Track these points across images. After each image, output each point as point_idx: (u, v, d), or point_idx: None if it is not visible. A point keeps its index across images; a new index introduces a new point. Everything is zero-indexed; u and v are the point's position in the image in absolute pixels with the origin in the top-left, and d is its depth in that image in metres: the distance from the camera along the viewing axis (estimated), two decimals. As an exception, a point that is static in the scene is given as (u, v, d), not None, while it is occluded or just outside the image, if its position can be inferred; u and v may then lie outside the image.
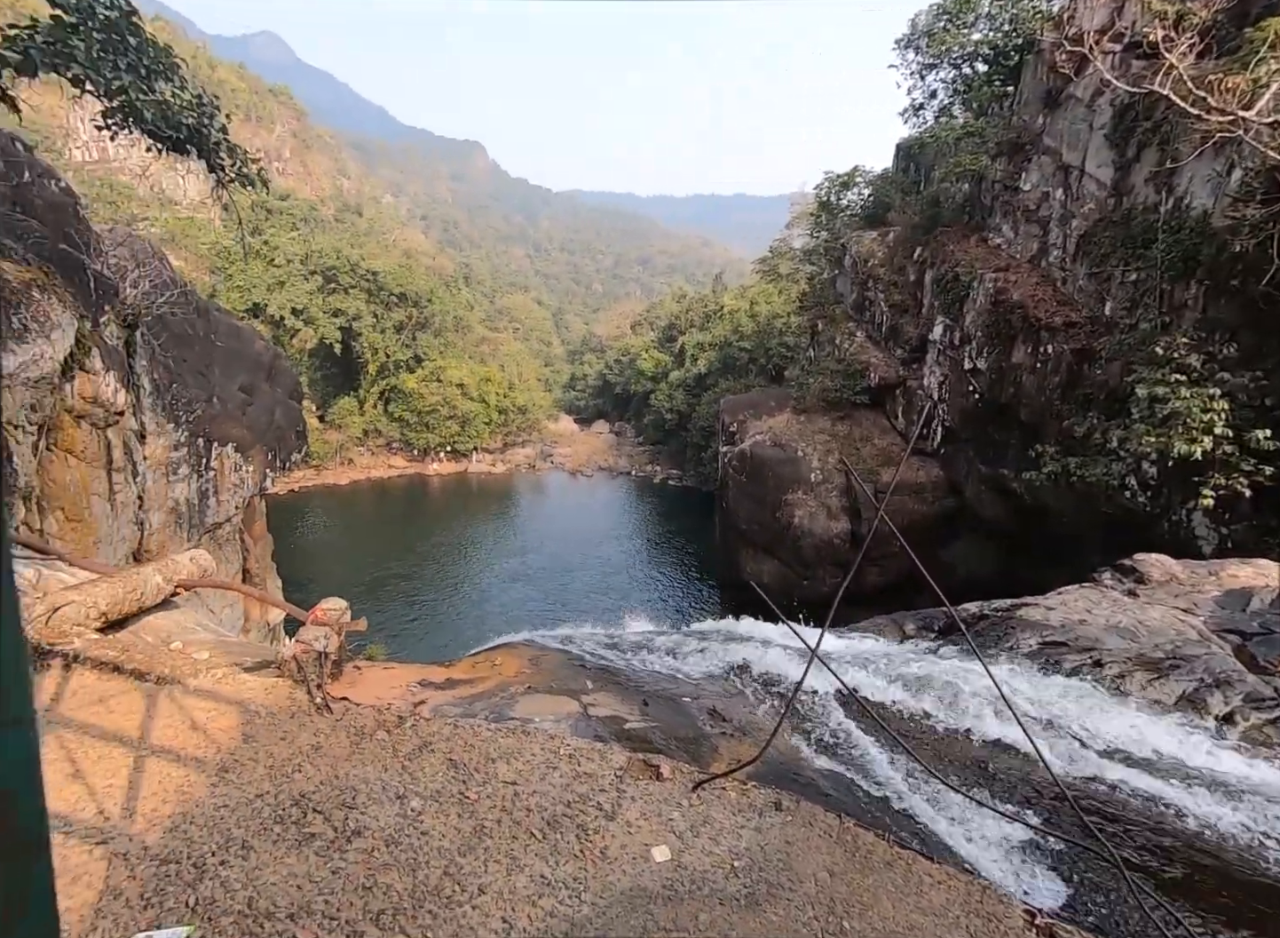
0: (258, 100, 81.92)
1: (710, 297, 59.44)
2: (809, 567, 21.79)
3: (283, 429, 17.87)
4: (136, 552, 11.45)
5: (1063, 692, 5.68)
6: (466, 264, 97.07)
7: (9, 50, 8.00)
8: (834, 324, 26.06)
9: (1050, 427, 15.98)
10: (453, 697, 5.34)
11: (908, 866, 3.11)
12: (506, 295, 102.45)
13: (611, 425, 63.87)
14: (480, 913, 2.67)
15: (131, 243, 13.04)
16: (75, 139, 54.25)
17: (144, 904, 2.58)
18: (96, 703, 3.87)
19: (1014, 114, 19.34)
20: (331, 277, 48.01)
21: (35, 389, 8.44)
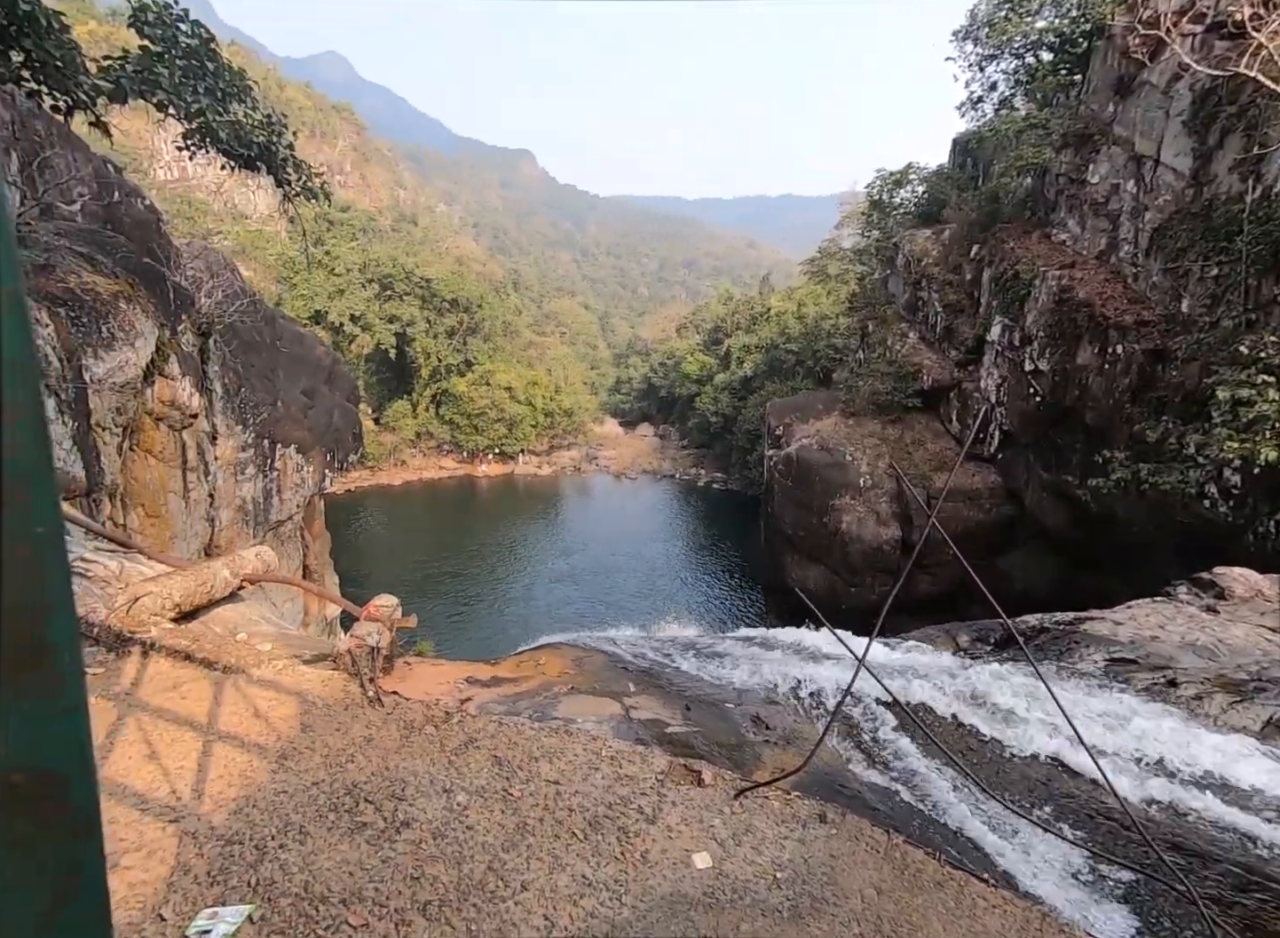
0: (322, 117, 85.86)
1: (757, 298, 58.81)
2: (856, 573, 21.24)
3: (341, 431, 18.63)
4: (207, 547, 12.14)
5: (1132, 712, 5.35)
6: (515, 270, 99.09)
7: (103, 80, 8.65)
8: (885, 325, 25.37)
9: (1119, 431, 15.12)
10: (498, 694, 5.45)
11: (960, 887, 2.99)
12: (554, 300, 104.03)
13: (656, 428, 63.94)
14: (523, 910, 2.71)
15: (206, 255, 13.87)
16: (159, 159, 58.08)
17: (210, 881, 2.73)
18: (170, 689, 4.12)
19: (1081, 103, 18.43)
20: (388, 284, 49.81)
21: (120, 393, 9.07)
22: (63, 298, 8.16)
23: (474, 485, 48.27)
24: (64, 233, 9.35)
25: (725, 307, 63.23)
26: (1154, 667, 6.05)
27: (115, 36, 40.13)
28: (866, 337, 27.03)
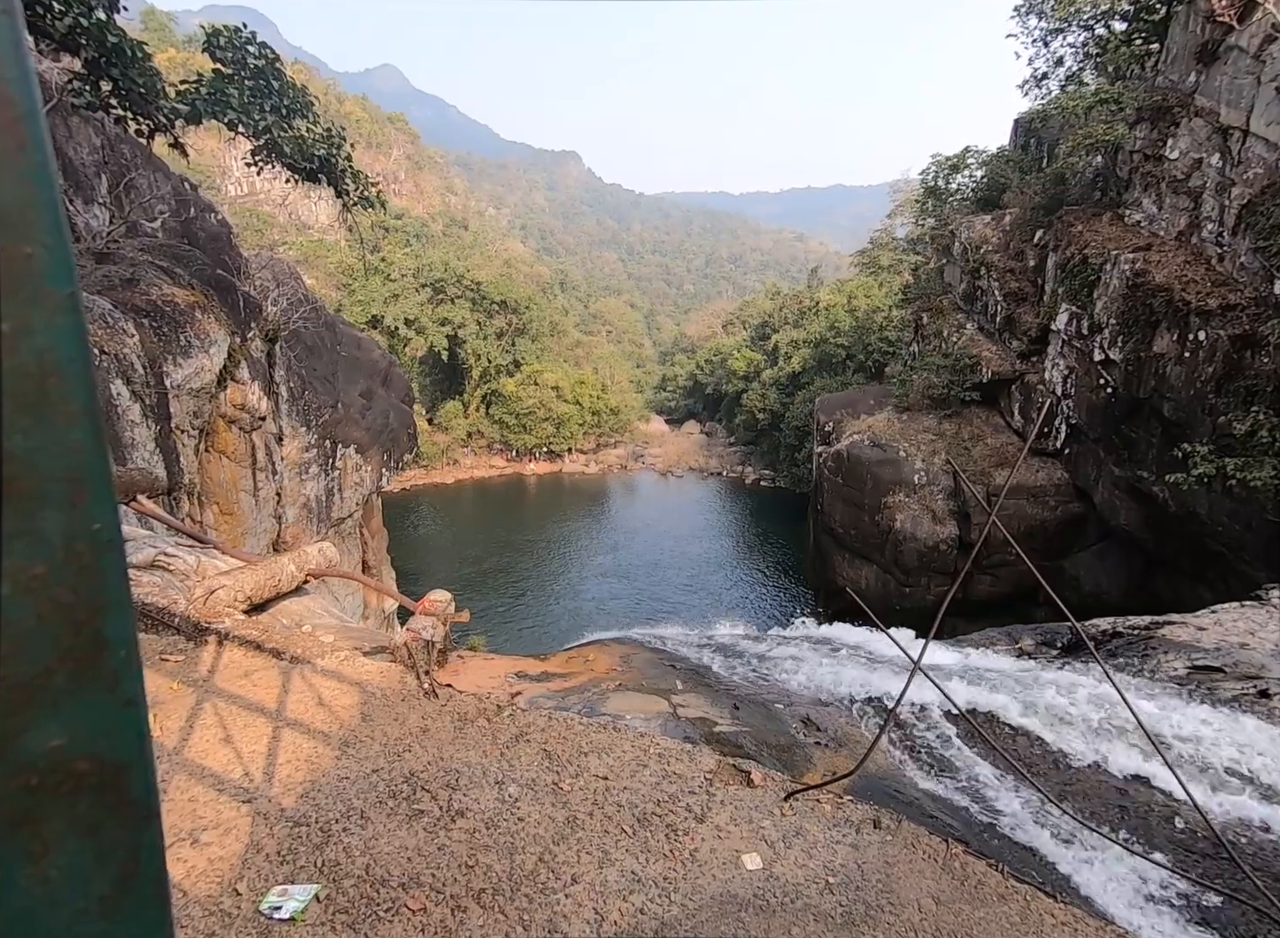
0: (377, 128, 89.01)
1: (805, 292, 57.65)
2: (910, 574, 20.58)
3: (396, 431, 19.29)
4: (275, 543, 12.79)
5: (1218, 724, 5.00)
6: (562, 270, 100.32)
7: (180, 103, 9.21)
8: (941, 316, 24.44)
9: (1201, 423, 14.12)
10: (547, 689, 5.54)
11: (1026, 901, 2.86)
12: (600, 299, 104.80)
13: (702, 426, 63.59)
14: (573, 903, 2.75)
15: (273, 266, 14.60)
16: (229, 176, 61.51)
17: (280, 860, 2.88)
18: (243, 677, 4.36)
19: (1159, 74, 17.25)
20: (440, 288, 51.25)
21: (197, 398, 9.66)
22: (146, 309, 8.74)
23: (523, 484, 49.18)
24: (147, 248, 10.01)
25: (772, 302, 62.25)
26: (1243, 676, 5.63)
27: (191, 62, 42.69)
28: (921, 328, 26.11)
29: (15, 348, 0.41)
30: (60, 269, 0.43)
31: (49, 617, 0.42)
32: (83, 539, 0.43)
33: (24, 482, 0.41)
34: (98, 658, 0.43)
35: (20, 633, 0.41)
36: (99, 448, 0.44)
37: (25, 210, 0.41)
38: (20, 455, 0.41)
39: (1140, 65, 19.50)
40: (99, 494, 0.44)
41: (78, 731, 0.42)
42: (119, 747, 0.44)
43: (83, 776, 0.42)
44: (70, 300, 0.43)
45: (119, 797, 0.44)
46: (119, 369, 7.86)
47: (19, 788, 0.41)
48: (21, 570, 0.41)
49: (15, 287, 0.41)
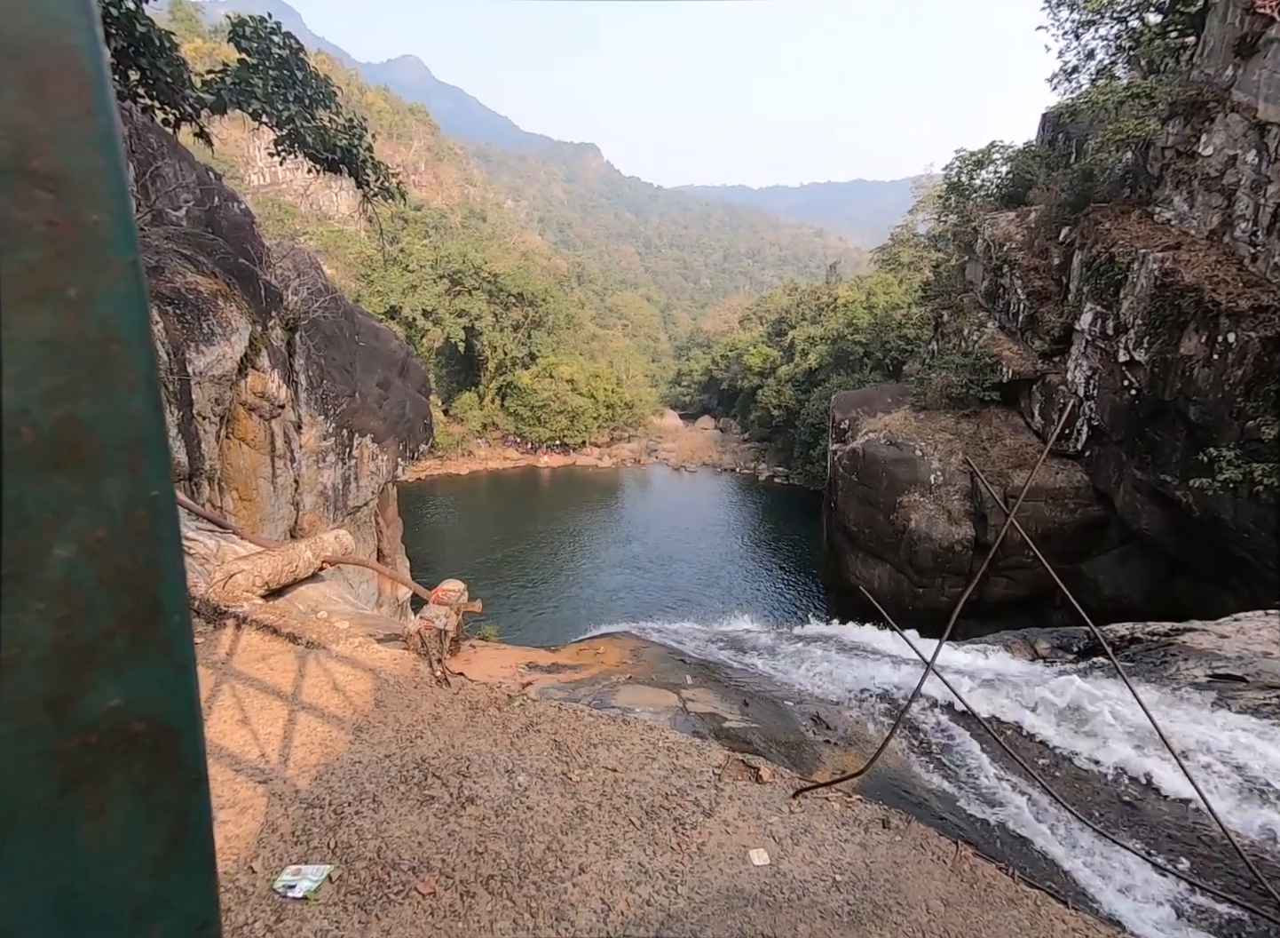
0: (398, 119, 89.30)
1: (823, 288, 57.07)
2: (924, 574, 20.39)
3: (412, 422, 19.43)
4: (292, 529, 12.97)
5: (1238, 734, 4.91)
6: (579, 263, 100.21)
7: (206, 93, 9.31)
8: (961, 314, 24.08)
9: (1229, 427, 13.80)
10: (558, 681, 5.57)
11: (1036, 906, 2.84)
12: (616, 293, 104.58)
13: (716, 421, 63.33)
14: (580, 892, 2.77)
15: (294, 255, 14.73)
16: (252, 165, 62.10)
17: (294, 840, 2.93)
18: (260, 660, 4.43)
19: (1194, 68, 16.79)
20: (457, 279, 51.43)
21: (218, 385, 9.80)
22: (170, 297, 8.87)
23: (537, 476, 49.38)
24: (171, 237, 10.15)
25: (790, 297, 61.74)
26: (1265, 685, 5.51)
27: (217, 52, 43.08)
28: (941, 326, 25.76)
29: (81, 314, 0.41)
30: (124, 236, 0.43)
31: (110, 581, 0.43)
32: (141, 505, 0.44)
33: (88, 447, 0.42)
34: (154, 623, 0.45)
35: (83, 596, 0.42)
36: (157, 416, 0.45)
37: (91, 177, 0.42)
38: (85, 421, 0.42)
39: (1175, 59, 19.01)
40: (157, 462, 0.45)
41: (135, 693, 0.44)
42: (172, 711, 0.46)
43: (138, 737, 0.44)
44: (132, 268, 0.44)
45: (171, 759, 0.45)
46: (143, 356, 7.98)
47: (80, 746, 0.42)
48: (85, 534, 0.42)
49: (81, 253, 0.41)
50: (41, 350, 0.40)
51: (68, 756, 0.41)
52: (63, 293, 0.41)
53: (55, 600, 0.41)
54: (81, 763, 0.42)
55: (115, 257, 0.43)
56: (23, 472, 0.39)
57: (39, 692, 0.40)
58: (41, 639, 0.40)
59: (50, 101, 0.40)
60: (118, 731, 0.43)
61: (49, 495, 0.40)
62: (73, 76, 0.41)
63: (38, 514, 0.40)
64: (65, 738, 0.41)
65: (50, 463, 0.40)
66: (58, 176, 0.40)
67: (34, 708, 0.40)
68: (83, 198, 0.41)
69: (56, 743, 0.41)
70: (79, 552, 0.42)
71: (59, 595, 0.41)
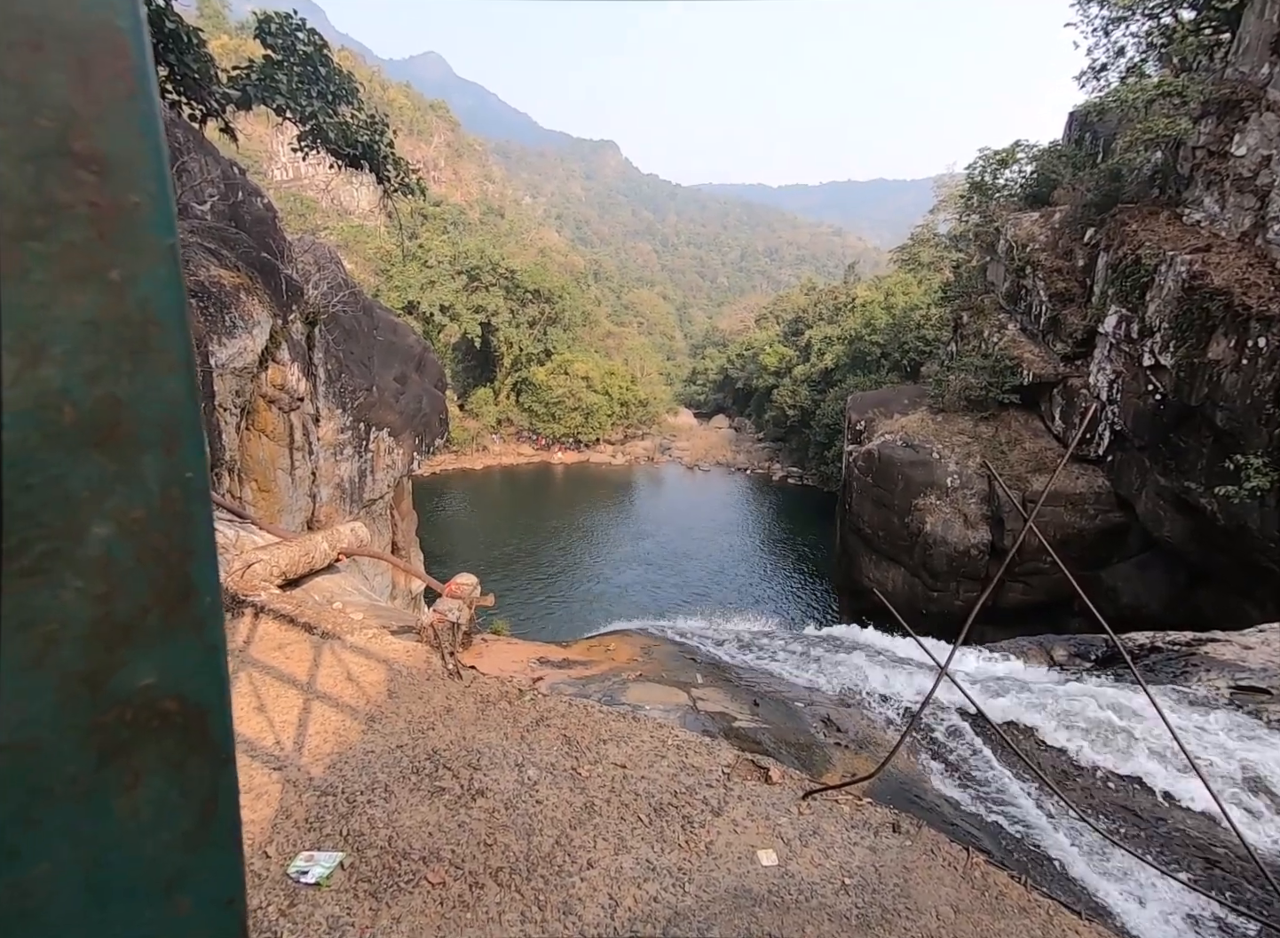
0: (419, 115, 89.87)
1: (841, 288, 56.61)
2: (939, 578, 20.17)
3: (428, 416, 19.58)
4: (309, 521, 13.13)
5: (1263, 747, 4.80)
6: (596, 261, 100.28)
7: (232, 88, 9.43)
8: (982, 316, 23.75)
9: (1257, 434, 13.49)
10: (568, 676, 5.59)
11: (1048, 916, 2.80)
12: (633, 290, 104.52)
13: (731, 421, 63.12)
14: (588, 887, 2.78)
15: (315, 250, 14.89)
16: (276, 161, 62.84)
17: (308, 827, 2.97)
18: (276, 649, 4.50)
19: (1228, 66, 16.38)
20: (475, 275, 51.70)
21: (239, 377, 9.95)
22: (194, 289, 9.01)
23: (550, 472, 49.55)
24: (196, 230, 10.30)
25: (807, 297, 61.31)
26: (1289, 700, 5.39)
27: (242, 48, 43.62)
28: (960, 328, 25.44)
29: (122, 295, 0.42)
30: (163, 219, 0.44)
31: (146, 559, 0.44)
32: (177, 485, 0.45)
33: (126, 426, 0.42)
34: (187, 602, 0.45)
35: (121, 573, 0.43)
36: (192, 398, 0.46)
37: (133, 160, 0.42)
38: (124, 401, 0.42)
39: (1208, 56, 18.57)
40: (192, 443, 0.46)
41: (167, 671, 0.44)
42: (203, 690, 0.46)
43: (169, 715, 0.44)
44: (171, 251, 0.44)
45: (202, 738, 0.46)
46: (167, 347, 8.12)
47: (115, 721, 0.42)
48: (123, 513, 0.42)
49: (122, 235, 0.42)
50: (84, 330, 0.41)
51: (104, 730, 0.42)
52: (104, 274, 0.41)
53: (94, 578, 0.41)
54: (117, 738, 0.43)
55: (155, 239, 0.43)
56: (63, 450, 0.40)
57: (77, 667, 0.41)
58: (80, 616, 0.41)
59: (95, 84, 0.40)
60: (150, 707, 0.44)
61: (89, 473, 0.41)
62: (118, 60, 0.41)
63: (77, 492, 0.41)
64: (101, 713, 0.42)
65: (90, 441, 0.41)
66: (100, 158, 0.41)
67: (72, 682, 0.41)
68: (124, 180, 0.42)
69: (93, 718, 0.42)
70: (117, 530, 0.42)
71: (98, 573, 0.42)
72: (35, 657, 0.40)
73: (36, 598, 0.40)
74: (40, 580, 0.40)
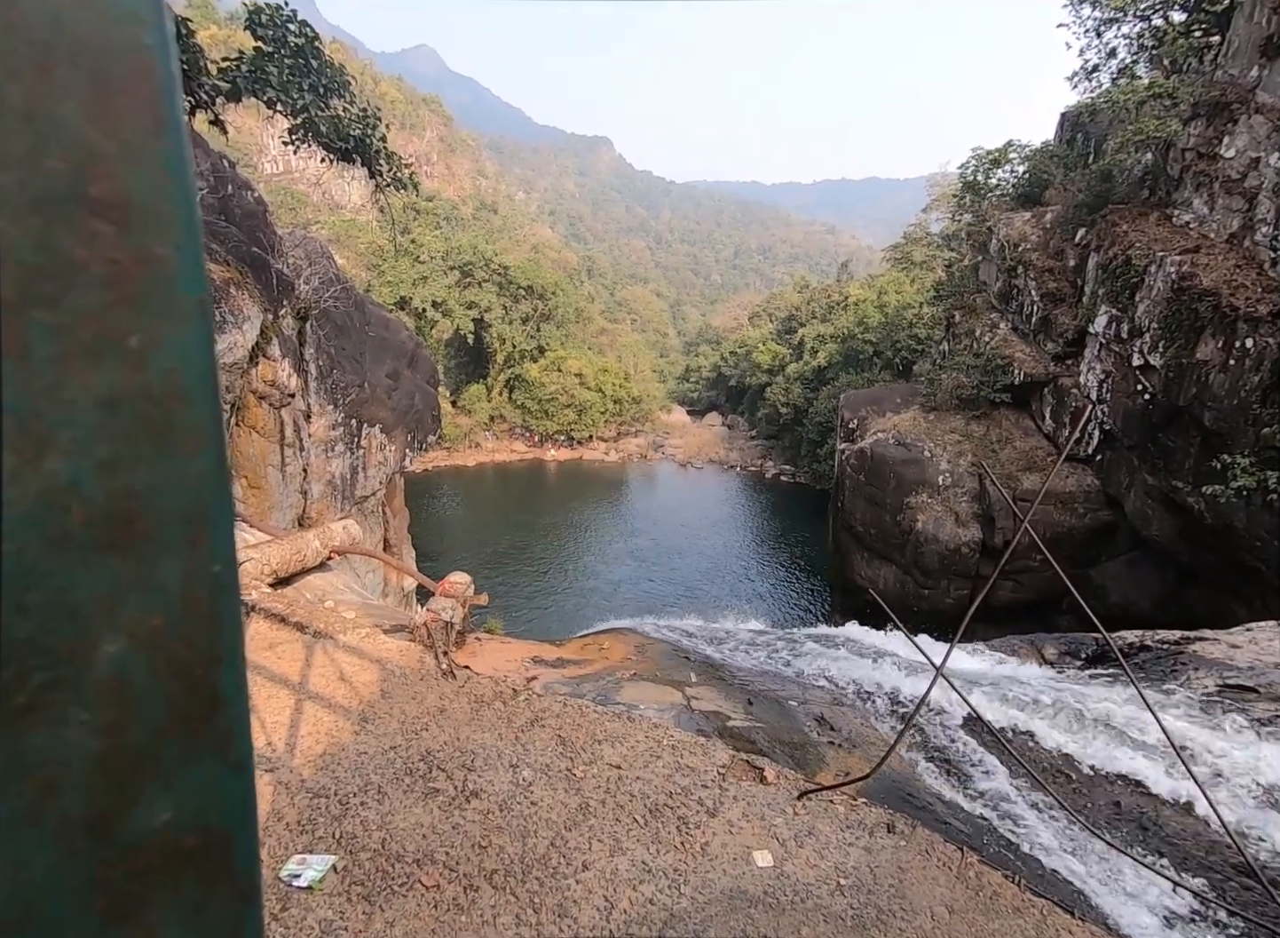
0: (411, 110, 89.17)
1: (834, 286, 56.78)
2: (930, 576, 20.30)
3: (421, 413, 19.46)
4: (300, 518, 13.03)
5: (1248, 745, 4.86)
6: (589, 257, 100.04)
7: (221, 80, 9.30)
8: (974, 315, 23.88)
9: (1243, 434, 13.65)
10: (562, 676, 5.57)
11: (1042, 916, 2.82)
12: (626, 287, 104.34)
13: (724, 418, 63.19)
14: (584, 889, 2.77)
15: (306, 244, 14.75)
16: (266, 154, 62.19)
17: (300, 830, 2.94)
18: (268, 649, 4.45)
19: (1218, 68, 16.52)
20: (468, 271, 51.42)
21: (229, 373, 9.84)
22: (182, 284, 8.89)
23: (543, 469, 49.44)
24: (184, 224, 10.16)
25: (801, 295, 61.43)
26: (1277, 698, 5.45)
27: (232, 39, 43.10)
28: (952, 327, 25.57)
29: (143, 367, 0.35)
30: (192, 273, 0.37)
31: (164, 674, 0.37)
32: (201, 585, 0.38)
33: (145, 521, 0.36)
34: (212, 718, 0.38)
35: (134, 696, 0.36)
36: (222, 478, 0.39)
37: (159, 204, 0.35)
38: (143, 492, 0.35)
39: (1198, 58, 18.70)
40: (220, 531, 0.39)
41: (188, 801, 0.38)
42: (227, 816, 0.39)
43: (189, 852, 0.38)
44: (200, 308, 0.38)
45: (224, 871, 0.39)
46: (156, 342, 8.02)
47: (125, 872, 0.35)
48: (139, 623, 0.36)
49: (145, 296, 0.35)
50: (98, 413, 0.34)
51: (111, 885, 0.35)
52: (123, 343, 0.35)
53: (102, 706, 0.35)
54: (127, 892, 0.36)
55: (183, 297, 0.37)
56: (70, 557, 0.34)
57: (81, 814, 0.34)
58: (85, 753, 0.35)
59: (116, 115, 0.34)
60: (168, 848, 0.37)
61: (99, 582, 0.35)
62: (144, 84, 0.34)
63: (85, 605, 0.34)
64: (108, 866, 0.35)
65: (102, 544, 0.35)
66: (121, 205, 0.34)
67: (75, 835, 0.34)
68: (148, 230, 0.35)
69: (99, 873, 0.35)
70: (130, 644, 0.36)
71: (107, 700, 0.35)
72: (29, 812, 0.33)
73: (33, 740, 0.33)
74: (37, 719, 0.33)
